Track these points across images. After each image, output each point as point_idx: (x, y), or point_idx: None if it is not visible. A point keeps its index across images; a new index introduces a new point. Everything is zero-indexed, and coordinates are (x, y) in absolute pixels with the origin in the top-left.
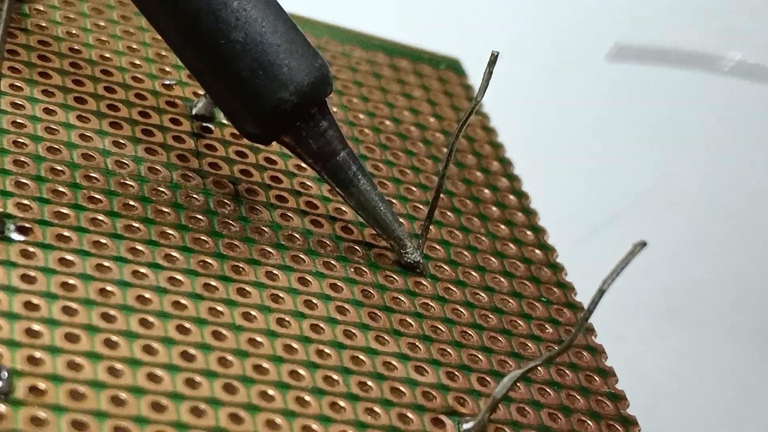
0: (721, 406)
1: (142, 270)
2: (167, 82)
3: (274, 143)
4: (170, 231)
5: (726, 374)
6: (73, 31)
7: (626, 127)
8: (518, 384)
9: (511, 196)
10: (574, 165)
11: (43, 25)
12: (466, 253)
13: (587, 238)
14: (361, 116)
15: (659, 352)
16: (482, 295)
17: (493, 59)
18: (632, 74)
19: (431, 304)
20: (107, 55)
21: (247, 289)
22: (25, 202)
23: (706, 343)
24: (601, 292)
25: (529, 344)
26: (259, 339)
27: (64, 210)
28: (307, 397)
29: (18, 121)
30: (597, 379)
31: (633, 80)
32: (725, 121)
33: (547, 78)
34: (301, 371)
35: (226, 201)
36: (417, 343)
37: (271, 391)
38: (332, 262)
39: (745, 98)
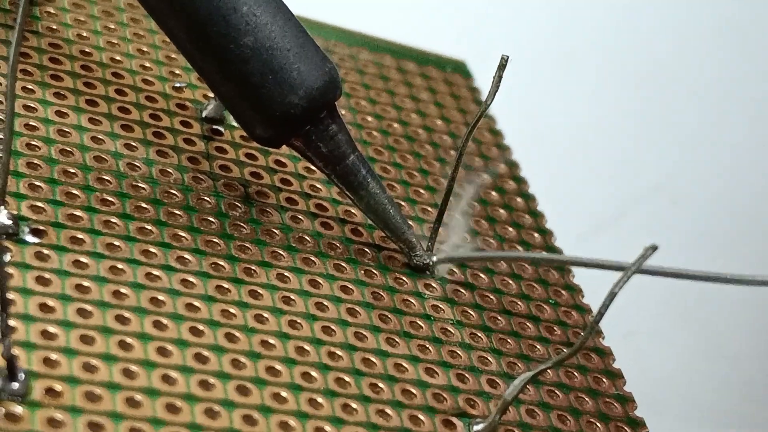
0: (728, 407)
1: (155, 272)
2: (177, 85)
3: (283, 146)
4: (182, 233)
5: (734, 375)
6: (84, 34)
7: (631, 129)
8: (527, 386)
9: (518, 199)
10: (580, 166)
11: (54, 27)
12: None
13: (591, 235)
14: (369, 119)
15: (667, 353)
16: (491, 297)
17: (503, 63)
18: (636, 76)
19: (441, 306)
20: (118, 57)
21: (258, 291)
22: (39, 204)
23: (713, 343)
24: (612, 296)
25: (538, 346)
26: (271, 341)
27: (78, 212)
28: (320, 399)
29: (31, 123)
30: (605, 381)
31: (637, 82)
32: (731, 119)
33: (553, 80)
34: (313, 373)
35: (237, 203)
36: (427, 345)
37: (283, 393)
38: (342, 264)
39: (752, 98)
